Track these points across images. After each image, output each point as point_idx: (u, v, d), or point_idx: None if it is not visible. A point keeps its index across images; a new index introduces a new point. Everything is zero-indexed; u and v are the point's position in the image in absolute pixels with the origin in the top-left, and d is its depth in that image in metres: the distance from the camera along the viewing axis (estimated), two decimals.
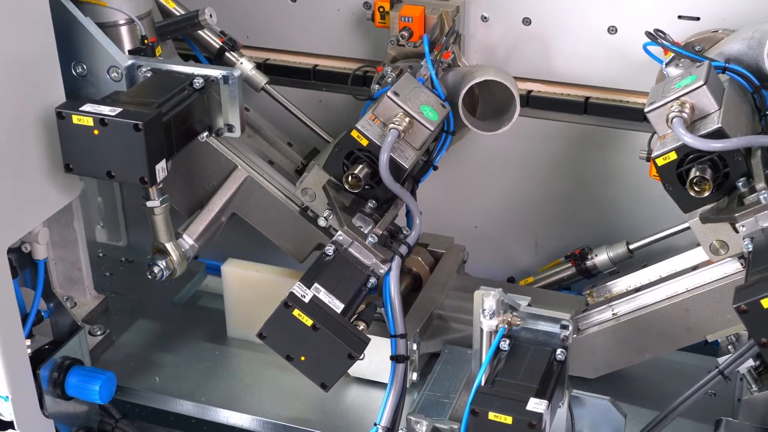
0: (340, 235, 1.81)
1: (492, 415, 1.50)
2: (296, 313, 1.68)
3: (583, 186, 2.32)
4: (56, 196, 1.84)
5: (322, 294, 1.72)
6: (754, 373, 1.83)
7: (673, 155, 1.68)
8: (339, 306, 1.73)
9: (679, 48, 1.88)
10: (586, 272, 2.24)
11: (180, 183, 2.07)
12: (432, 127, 1.86)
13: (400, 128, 1.81)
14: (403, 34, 2.12)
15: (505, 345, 1.63)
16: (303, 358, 1.70)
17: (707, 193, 1.66)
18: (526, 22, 2.20)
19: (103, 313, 2.32)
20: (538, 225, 2.40)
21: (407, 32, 2.12)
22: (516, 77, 2.12)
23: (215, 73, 1.83)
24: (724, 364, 1.65)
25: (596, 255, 2.22)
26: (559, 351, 1.63)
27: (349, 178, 1.83)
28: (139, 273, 2.16)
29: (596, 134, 2.25)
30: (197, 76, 1.82)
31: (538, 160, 2.33)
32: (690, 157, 1.67)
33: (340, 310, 1.73)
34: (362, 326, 1.77)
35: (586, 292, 2.09)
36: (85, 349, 2.02)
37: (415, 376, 2.04)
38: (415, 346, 2.01)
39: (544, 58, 2.22)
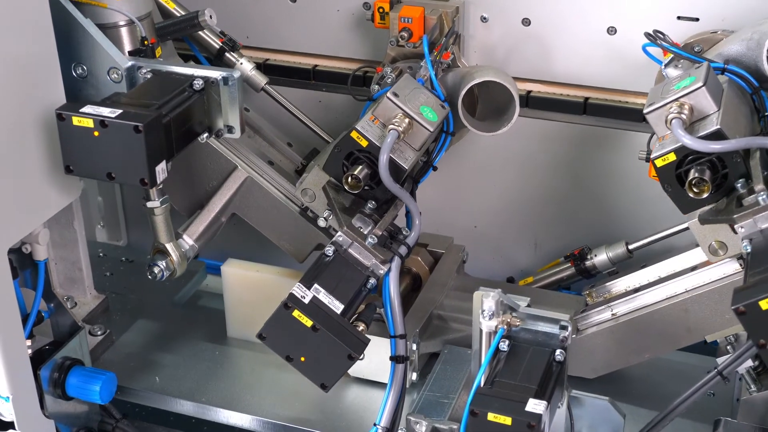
0: (340, 236, 1.81)
1: (491, 416, 1.50)
2: (296, 313, 1.68)
3: (583, 186, 2.32)
4: (56, 197, 1.84)
5: (322, 295, 1.72)
6: (753, 374, 1.83)
7: (672, 156, 1.68)
8: (339, 307, 1.73)
9: (678, 49, 1.88)
10: (585, 272, 2.24)
11: (180, 183, 2.07)
12: (432, 128, 1.86)
13: (400, 129, 1.81)
14: (403, 34, 2.12)
15: (505, 345, 1.63)
16: (303, 359, 1.71)
17: (706, 195, 1.66)
18: (526, 22, 2.20)
19: (104, 313, 2.31)
20: (538, 225, 2.40)
21: (407, 33, 2.12)
22: (515, 78, 2.13)
23: (215, 75, 1.83)
24: (723, 365, 1.65)
25: (595, 255, 2.22)
26: (558, 352, 1.63)
27: (349, 179, 1.83)
28: (140, 273, 2.16)
29: (595, 134, 2.25)
30: (197, 78, 1.82)
31: (538, 161, 2.33)
32: (689, 159, 1.67)
33: (340, 310, 1.73)
34: (362, 327, 1.77)
35: (586, 293, 2.09)
36: (86, 350, 2.02)
37: (414, 377, 2.04)
38: (414, 347, 2.01)
39: (544, 58, 2.22)
